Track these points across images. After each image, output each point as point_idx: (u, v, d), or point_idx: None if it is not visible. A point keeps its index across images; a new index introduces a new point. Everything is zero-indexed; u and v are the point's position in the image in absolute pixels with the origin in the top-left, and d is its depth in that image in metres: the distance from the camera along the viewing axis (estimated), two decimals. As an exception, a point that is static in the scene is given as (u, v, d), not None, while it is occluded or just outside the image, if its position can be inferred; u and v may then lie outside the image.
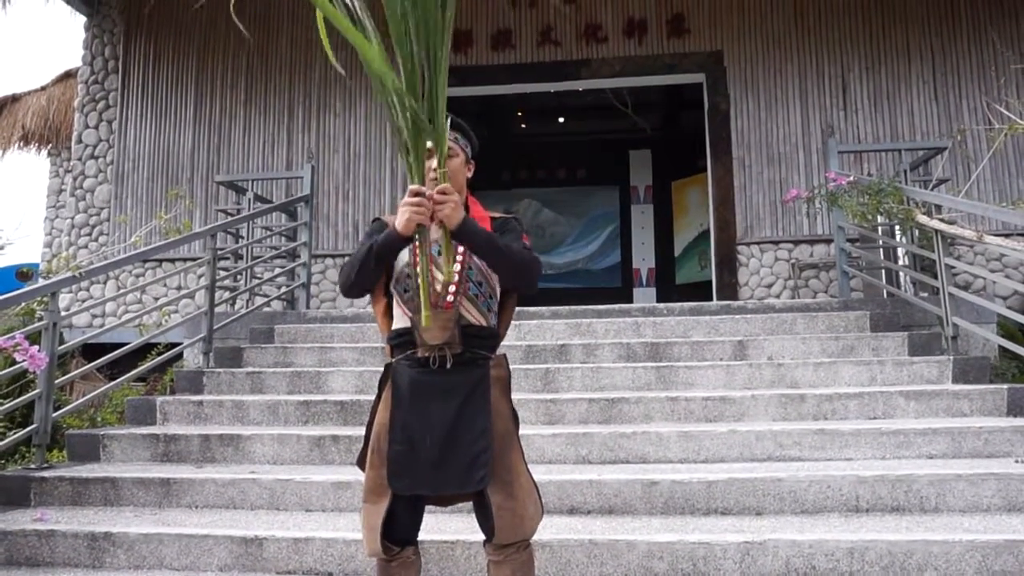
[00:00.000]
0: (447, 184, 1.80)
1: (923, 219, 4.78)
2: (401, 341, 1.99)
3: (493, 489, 1.88)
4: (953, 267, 4.73)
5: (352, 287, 1.98)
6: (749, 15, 7.23)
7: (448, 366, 1.91)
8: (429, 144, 1.79)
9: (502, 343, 2.12)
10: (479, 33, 7.50)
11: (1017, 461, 3.31)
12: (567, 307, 5.47)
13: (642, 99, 9.69)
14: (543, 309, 5.42)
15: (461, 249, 1.95)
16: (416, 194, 1.77)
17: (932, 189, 5.78)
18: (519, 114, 11.03)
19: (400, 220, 1.80)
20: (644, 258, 11.10)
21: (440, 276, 1.93)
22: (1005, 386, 3.93)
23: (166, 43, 7.80)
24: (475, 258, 1.96)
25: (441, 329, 1.90)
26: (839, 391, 3.97)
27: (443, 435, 1.88)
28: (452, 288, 1.94)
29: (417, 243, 1.80)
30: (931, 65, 7.01)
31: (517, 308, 5.54)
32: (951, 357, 4.27)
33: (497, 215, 2.09)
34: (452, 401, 1.90)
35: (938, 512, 3.04)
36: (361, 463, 2.03)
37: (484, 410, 1.90)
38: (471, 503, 2.02)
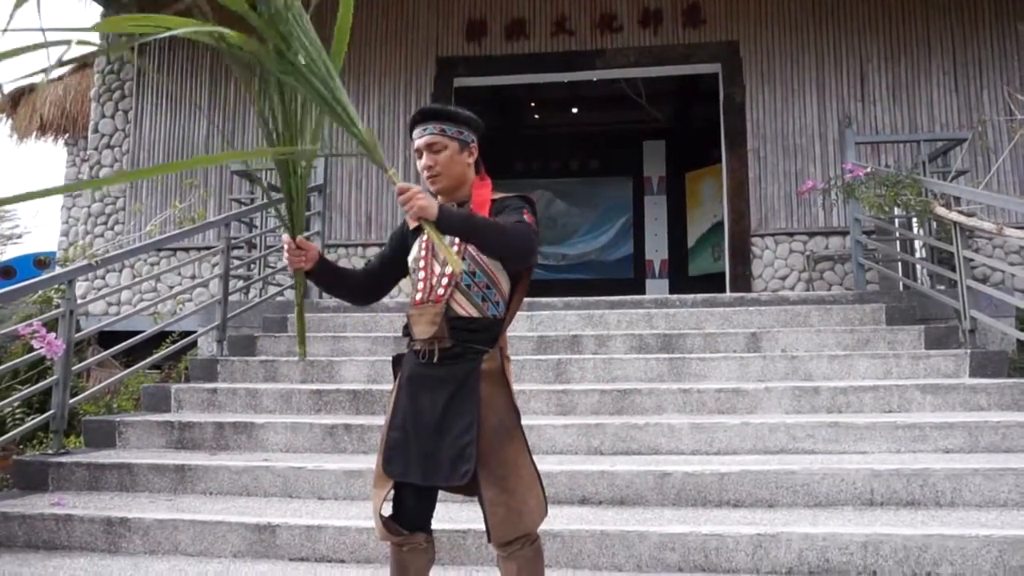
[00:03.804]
0: (401, 184, 1.79)
1: (942, 211, 4.72)
2: (408, 332, 2.02)
3: (486, 484, 1.86)
4: (971, 260, 4.66)
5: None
6: (766, 4, 7.14)
7: (435, 360, 1.91)
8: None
9: (509, 332, 2.09)
10: (493, 23, 7.46)
11: (1035, 456, 3.27)
12: (579, 298, 5.46)
13: (656, 89, 9.62)
14: (555, 300, 5.41)
15: (458, 240, 1.94)
16: (287, 243, 1.90)
17: (951, 181, 5.70)
18: (532, 104, 10.98)
19: None
20: (657, 249, 11.04)
21: (449, 269, 1.93)
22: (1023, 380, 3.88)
23: (181, 33, 7.82)
24: (469, 247, 1.93)
25: (429, 324, 1.91)
26: (854, 384, 3.94)
27: (432, 427, 1.89)
28: (444, 281, 1.93)
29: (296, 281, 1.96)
30: (951, 55, 6.90)
31: (530, 299, 5.49)
32: (968, 351, 4.22)
33: (497, 196, 2.03)
34: (441, 394, 1.90)
35: (954, 507, 3.02)
36: None
37: (472, 404, 1.88)
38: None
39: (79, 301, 4.44)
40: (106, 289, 7.32)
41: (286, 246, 1.91)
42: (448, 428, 1.87)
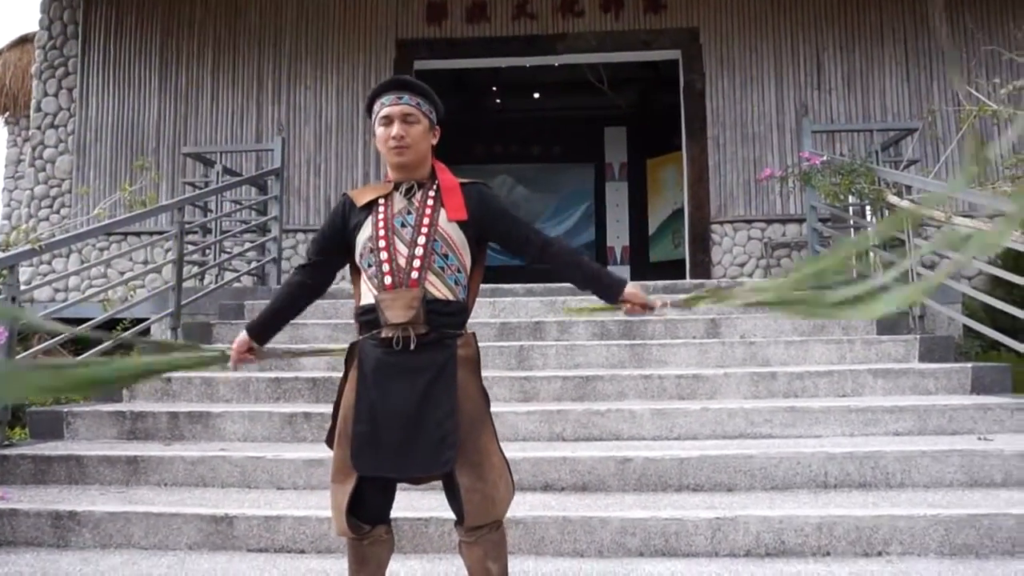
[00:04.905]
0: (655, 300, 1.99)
1: (894, 199, 4.84)
2: (368, 319, 1.92)
3: (462, 471, 1.84)
4: (921, 247, 4.79)
5: None
6: (726, -8, 7.19)
7: (412, 347, 1.84)
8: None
9: (472, 319, 2.07)
10: (453, 5, 7.36)
11: (980, 438, 3.39)
12: (542, 284, 5.46)
13: (618, 75, 9.64)
14: (518, 286, 5.40)
15: (426, 221, 1.90)
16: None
17: (903, 170, 5.85)
18: (494, 89, 10.90)
19: None
20: (618, 236, 11.12)
21: (404, 250, 1.88)
22: (969, 365, 4.02)
23: (129, 8, 7.53)
24: (440, 228, 1.89)
25: (405, 308, 1.84)
26: (809, 369, 4.03)
27: (408, 417, 1.83)
28: (416, 263, 1.86)
29: None
30: (904, 46, 7.06)
31: (492, 285, 5.46)
32: (918, 336, 4.35)
33: (466, 181, 2.01)
34: (418, 382, 1.84)
35: (903, 488, 3.11)
36: (329, 442, 1.99)
37: (450, 391, 1.85)
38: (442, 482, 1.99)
39: (23, 287, 4.26)
40: (52, 275, 7.05)
41: (237, 347, 2.19)
42: (426, 416, 1.83)
